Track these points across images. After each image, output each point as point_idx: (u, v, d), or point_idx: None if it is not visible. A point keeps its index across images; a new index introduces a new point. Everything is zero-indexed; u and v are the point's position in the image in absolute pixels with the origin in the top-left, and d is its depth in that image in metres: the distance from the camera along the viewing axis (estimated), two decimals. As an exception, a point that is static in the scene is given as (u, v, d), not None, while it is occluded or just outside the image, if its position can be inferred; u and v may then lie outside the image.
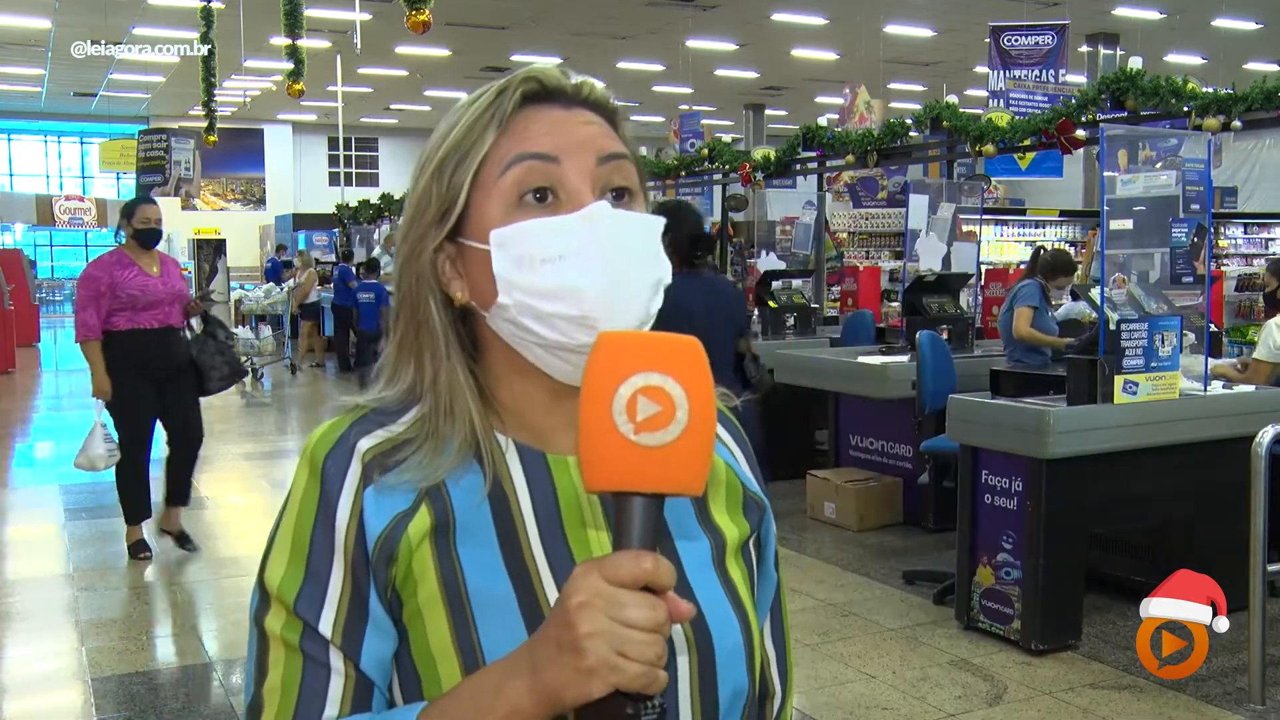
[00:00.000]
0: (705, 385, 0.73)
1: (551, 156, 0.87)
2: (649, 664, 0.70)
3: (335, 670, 0.85)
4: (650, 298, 0.87)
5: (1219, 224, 14.18)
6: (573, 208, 0.86)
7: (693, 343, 0.73)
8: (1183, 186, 4.85)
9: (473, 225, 0.88)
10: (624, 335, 0.74)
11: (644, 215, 0.89)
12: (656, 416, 0.71)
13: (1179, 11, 16.71)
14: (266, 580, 0.87)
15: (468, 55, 20.04)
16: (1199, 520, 4.82)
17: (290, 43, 13.19)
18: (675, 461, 0.72)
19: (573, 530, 0.89)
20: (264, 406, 12.28)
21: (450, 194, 0.88)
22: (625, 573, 0.70)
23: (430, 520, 0.86)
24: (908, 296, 7.31)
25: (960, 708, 4.02)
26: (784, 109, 27.08)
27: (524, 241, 0.85)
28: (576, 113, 0.90)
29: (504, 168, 0.87)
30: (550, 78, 0.90)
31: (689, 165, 11.75)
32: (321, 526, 0.87)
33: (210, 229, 30.59)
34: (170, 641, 4.89)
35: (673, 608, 0.72)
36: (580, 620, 0.70)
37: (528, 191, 0.86)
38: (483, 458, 0.88)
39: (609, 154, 0.89)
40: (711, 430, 0.73)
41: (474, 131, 0.88)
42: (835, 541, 6.29)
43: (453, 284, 0.90)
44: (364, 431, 0.89)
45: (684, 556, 0.91)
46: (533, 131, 0.88)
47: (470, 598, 0.84)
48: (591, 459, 0.72)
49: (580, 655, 0.70)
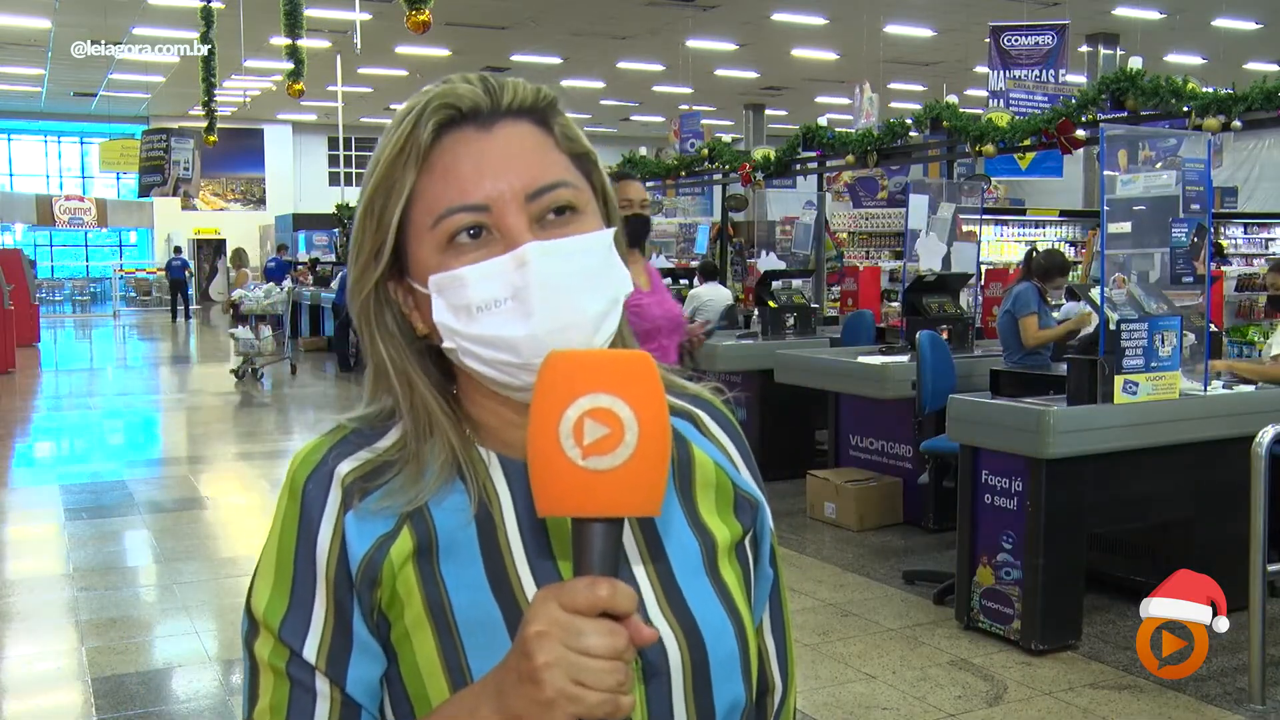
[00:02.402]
0: (656, 403, 0.71)
1: (482, 206, 0.84)
2: (609, 691, 0.69)
3: (321, 695, 0.85)
4: (598, 325, 0.85)
5: (1219, 224, 14.18)
6: (506, 247, 0.83)
7: (643, 359, 0.72)
8: (1183, 186, 4.85)
9: (414, 267, 0.87)
10: (571, 355, 0.73)
11: (576, 240, 0.85)
12: (604, 440, 0.70)
13: (1179, 11, 16.70)
14: (253, 606, 0.88)
15: (468, 55, 20.03)
16: (1199, 520, 4.82)
17: (290, 43, 13.20)
18: (627, 484, 0.70)
19: (559, 541, 0.88)
20: (264, 406, 12.28)
21: (380, 235, 0.87)
22: (582, 600, 0.69)
23: (412, 542, 0.86)
24: (908, 296, 7.31)
25: (960, 708, 4.02)
26: (784, 109, 27.07)
27: (458, 289, 0.84)
28: (500, 134, 0.86)
29: (435, 219, 0.85)
30: (466, 99, 0.86)
31: (689, 165, 11.77)
32: (303, 552, 0.87)
33: (210, 229, 30.61)
34: (170, 641, 4.89)
35: (634, 633, 0.71)
36: (537, 650, 0.69)
37: (460, 233, 0.85)
38: (465, 478, 0.88)
39: (539, 188, 0.85)
40: (664, 449, 0.72)
41: (395, 169, 0.86)
42: (835, 541, 6.29)
43: (413, 315, 0.90)
44: (344, 454, 0.89)
45: (675, 562, 0.90)
46: (458, 172, 0.85)
47: (456, 618, 0.84)
48: (541, 485, 0.71)
49: (539, 686, 0.69)
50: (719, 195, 13.83)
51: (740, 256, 15.17)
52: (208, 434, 10.69)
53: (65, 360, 17.85)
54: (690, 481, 0.95)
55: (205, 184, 29.68)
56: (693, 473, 0.95)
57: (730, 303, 9.89)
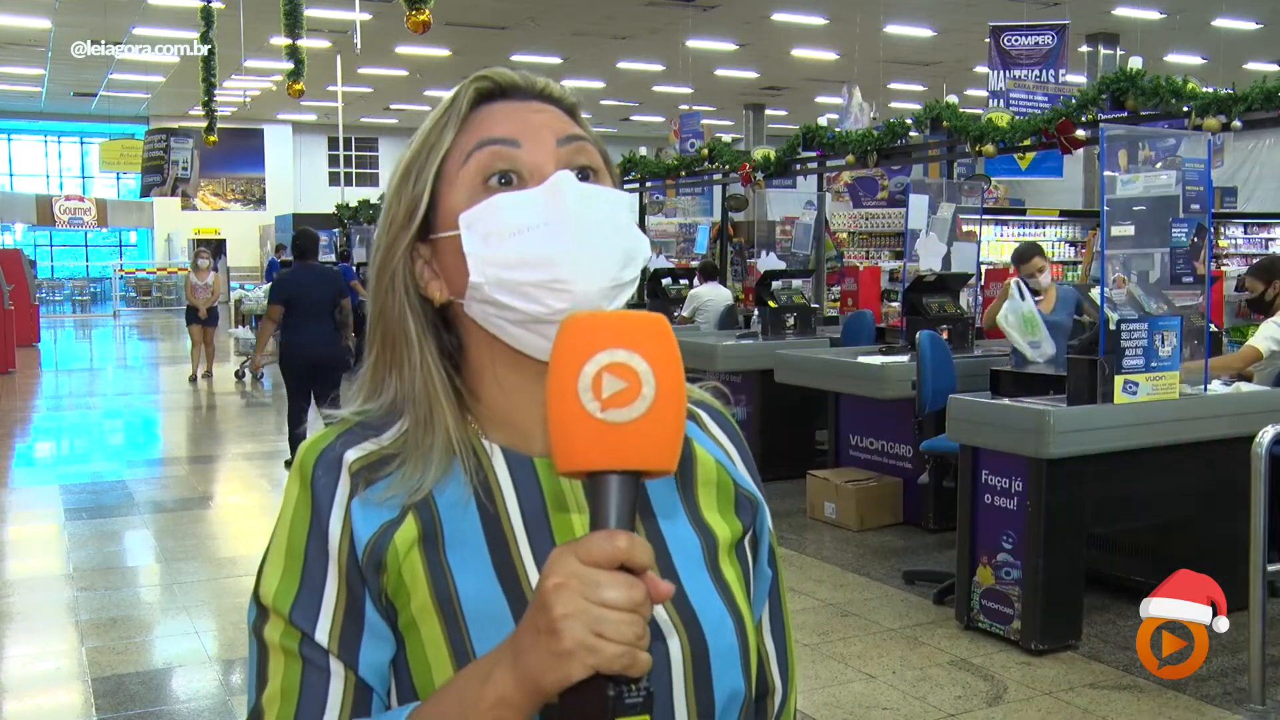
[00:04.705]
0: (672, 360, 0.72)
1: (512, 140, 0.89)
2: (628, 644, 0.69)
3: (335, 674, 0.85)
4: (621, 265, 0.87)
5: (1219, 224, 14.17)
6: (537, 184, 0.87)
7: (659, 319, 0.73)
8: (1183, 186, 4.84)
9: (441, 218, 0.90)
10: (588, 315, 0.73)
11: (610, 190, 0.90)
12: (622, 392, 0.70)
13: (1179, 11, 16.70)
14: (262, 593, 0.88)
15: (468, 55, 20.02)
16: (1199, 520, 4.82)
17: (290, 43, 13.19)
18: (644, 437, 0.71)
19: (561, 533, 0.89)
20: (264, 406, 12.28)
21: (415, 193, 0.91)
22: (600, 552, 0.69)
23: (417, 529, 0.86)
24: (908, 296, 7.30)
25: (960, 708, 4.02)
26: (784, 109, 27.07)
27: (491, 218, 0.87)
28: (531, 104, 0.93)
29: (466, 156, 0.89)
30: (502, 76, 0.94)
31: (689, 165, 11.75)
32: (314, 536, 0.87)
33: (210, 229, 30.59)
34: (170, 641, 4.89)
35: (651, 587, 0.71)
36: (555, 602, 0.69)
37: (492, 175, 0.88)
38: (464, 463, 0.89)
39: (568, 135, 0.91)
40: (680, 404, 0.73)
41: (433, 134, 0.92)
42: (835, 541, 6.29)
43: (430, 285, 0.92)
44: (351, 443, 0.90)
45: (675, 556, 0.91)
46: (490, 121, 0.91)
47: (462, 605, 0.85)
48: (560, 439, 0.72)
49: (557, 637, 0.69)
50: (719, 195, 13.82)
51: (740, 256, 15.15)
52: (208, 434, 10.70)
53: (65, 360, 17.85)
54: (692, 478, 0.96)
55: (205, 184, 29.70)
56: (694, 470, 0.96)
57: (730, 303, 9.90)
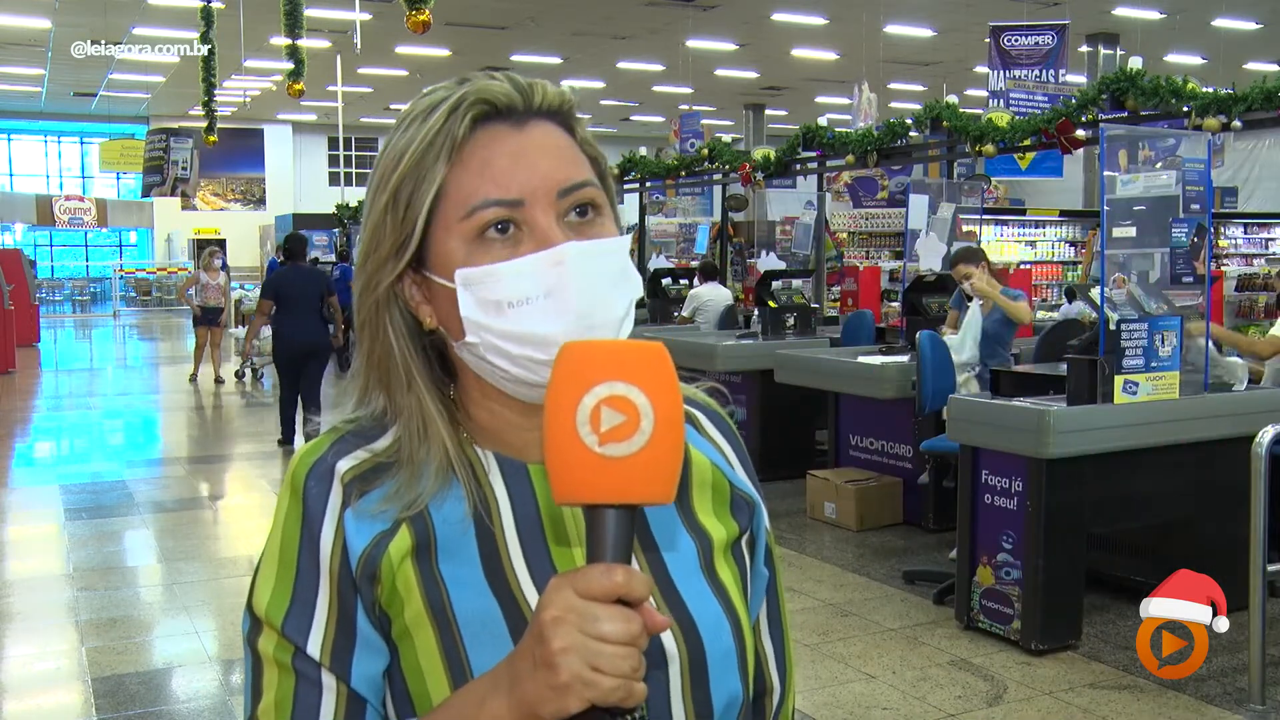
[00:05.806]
0: (671, 392, 0.71)
1: (516, 201, 0.85)
2: (624, 677, 0.69)
3: (327, 688, 0.85)
4: (620, 324, 0.86)
5: (1219, 224, 14.16)
6: (536, 244, 0.84)
7: (658, 349, 0.72)
8: (1183, 186, 4.84)
9: (434, 259, 0.87)
10: (587, 345, 0.73)
11: (608, 242, 0.87)
12: (621, 426, 0.70)
13: (1179, 11, 16.69)
14: (254, 604, 0.88)
15: (468, 55, 20.02)
16: (1199, 520, 4.82)
17: (290, 43, 13.18)
18: (642, 471, 0.71)
19: (555, 541, 0.89)
20: (264, 406, 12.27)
21: (406, 228, 0.86)
22: (597, 586, 0.70)
23: (411, 540, 0.86)
24: (908, 296, 7.30)
25: (960, 708, 4.02)
26: (784, 109, 27.06)
27: (490, 285, 0.84)
28: (532, 134, 0.87)
29: (468, 211, 0.85)
30: (500, 96, 0.87)
31: (689, 165, 11.75)
32: (306, 548, 0.87)
33: (210, 229, 30.56)
34: (170, 641, 4.89)
35: (649, 619, 0.71)
36: (553, 636, 0.69)
37: (490, 227, 0.85)
38: (461, 479, 0.88)
39: (570, 185, 0.86)
40: (679, 437, 0.72)
41: (426, 161, 0.85)
42: (835, 541, 6.29)
43: (421, 308, 0.90)
44: (343, 452, 0.90)
45: (670, 562, 0.91)
46: (492, 169, 0.85)
47: (456, 615, 0.85)
48: (558, 472, 0.71)
49: (554, 671, 0.69)
50: (719, 195, 13.83)
51: (740, 256, 15.16)
52: (208, 434, 10.70)
53: (65, 360, 17.84)
54: (687, 482, 0.95)
55: (205, 184, 29.67)
56: (689, 473, 0.96)
57: (730, 303, 9.90)
